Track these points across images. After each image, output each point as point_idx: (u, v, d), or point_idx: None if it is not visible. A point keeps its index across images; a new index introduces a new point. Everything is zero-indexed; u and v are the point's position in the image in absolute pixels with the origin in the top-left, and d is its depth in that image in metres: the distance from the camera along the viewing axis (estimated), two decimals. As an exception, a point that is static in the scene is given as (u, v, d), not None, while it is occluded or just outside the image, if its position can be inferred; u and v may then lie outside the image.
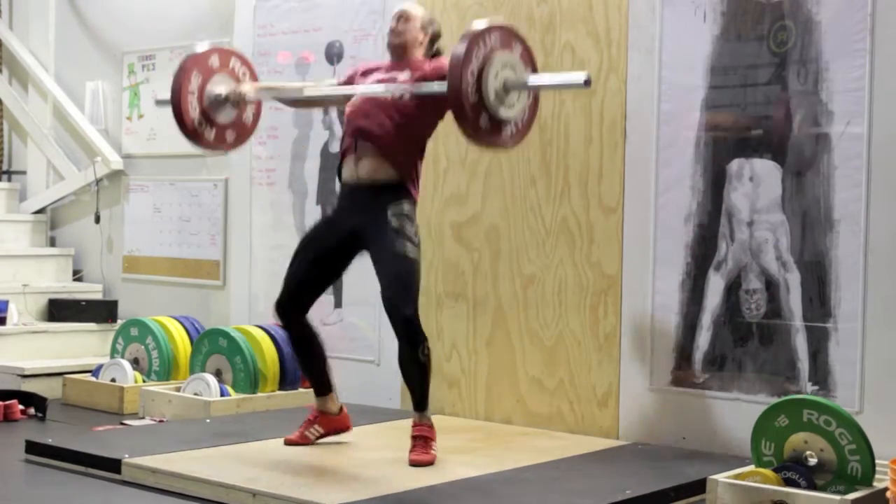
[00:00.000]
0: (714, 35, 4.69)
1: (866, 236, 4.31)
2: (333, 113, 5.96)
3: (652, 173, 4.83)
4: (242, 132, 4.81)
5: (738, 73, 4.63)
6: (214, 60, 4.71)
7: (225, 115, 4.71)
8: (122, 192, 7.03)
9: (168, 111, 4.65)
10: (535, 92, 4.14)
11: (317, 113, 6.02)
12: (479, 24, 3.94)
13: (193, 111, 4.64)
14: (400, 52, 4.45)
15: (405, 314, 4.18)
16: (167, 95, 4.70)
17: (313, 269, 4.54)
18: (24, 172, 7.55)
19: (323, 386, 4.59)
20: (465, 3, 5.38)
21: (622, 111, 4.93)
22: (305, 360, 4.66)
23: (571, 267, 5.06)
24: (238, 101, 4.68)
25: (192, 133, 4.69)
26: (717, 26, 4.68)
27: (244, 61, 4.84)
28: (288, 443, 4.54)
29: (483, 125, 3.91)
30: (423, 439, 4.29)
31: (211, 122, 4.69)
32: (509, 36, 4.02)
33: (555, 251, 5.11)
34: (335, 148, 5.94)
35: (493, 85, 3.90)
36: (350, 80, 4.59)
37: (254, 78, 4.86)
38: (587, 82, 3.89)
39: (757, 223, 4.58)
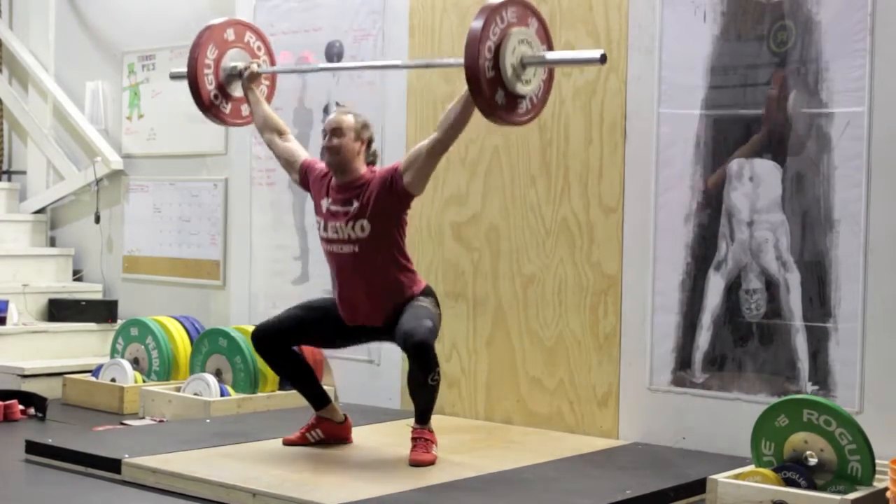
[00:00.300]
0: (714, 35, 4.69)
1: (866, 236, 4.31)
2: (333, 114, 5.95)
3: (652, 173, 4.83)
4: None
5: (738, 73, 4.63)
6: (230, 34, 4.75)
7: (240, 89, 4.76)
8: (122, 191, 7.02)
9: (169, 110, 4.67)
10: (551, 68, 4.15)
11: (316, 112, 6.02)
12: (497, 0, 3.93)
13: (210, 85, 4.68)
14: (341, 170, 4.39)
15: (417, 339, 4.14)
16: (182, 69, 4.75)
17: (313, 328, 4.54)
18: (24, 172, 7.55)
19: (319, 400, 4.58)
20: (465, 2, 5.38)
21: (622, 111, 4.93)
22: (292, 382, 4.66)
23: (571, 267, 5.06)
24: (252, 76, 4.71)
25: (208, 107, 4.75)
26: (717, 26, 4.68)
27: (259, 35, 4.88)
28: (287, 443, 4.54)
29: (499, 101, 3.93)
30: (423, 440, 4.30)
31: (227, 97, 4.75)
32: (525, 11, 4.03)
33: (555, 251, 5.11)
34: (335, 148, 5.94)
35: (510, 60, 3.91)
36: (306, 172, 4.56)
37: (269, 51, 4.91)
38: (603, 58, 3.92)
39: (757, 223, 4.58)
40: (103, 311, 6.67)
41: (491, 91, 3.89)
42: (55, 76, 7.38)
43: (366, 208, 4.30)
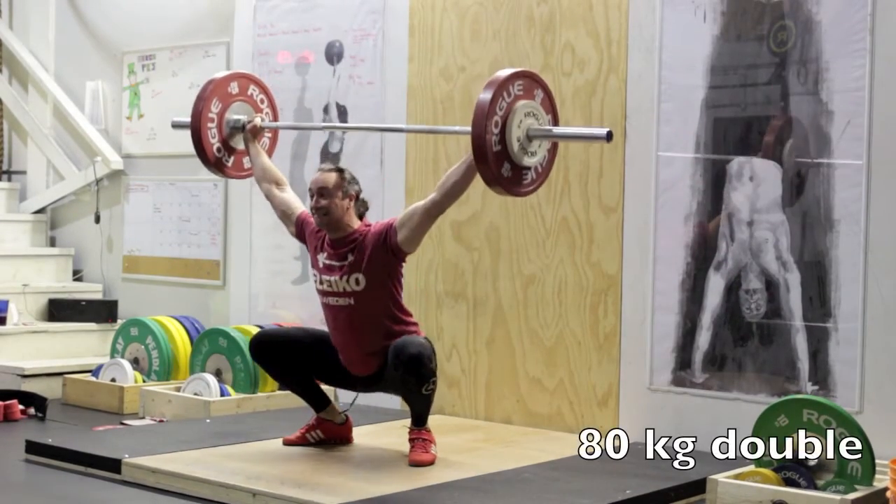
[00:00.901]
0: (714, 35, 4.68)
1: (866, 236, 4.31)
2: (333, 112, 5.96)
3: (652, 173, 4.83)
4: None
5: (738, 73, 4.63)
6: (234, 87, 4.75)
7: (243, 142, 4.76)
8: (122, 191, 7.02)
9: (169, 110, 4.67)
10: (554, 141, 4.15)
11: (316, 113, 6.02)
12: (504, 73, 3.92)
13: (213, 139, 4.68)
14: (332, 228, 4.38)
15: (411, 353, 4.14)
16: (185, 119, 4.76)
17: (313, 354, 4.54)
18: (24, 172, 7.55)
19: (318, 402, 4.58)
20: (465, 2, 5.38)
21: (622, 111, 4.93)
22: (290, 387, 4.66)
23: (571, 267, 5.06)
24: (255, 131, 4.71)
25: (212, 161, 4.74)
26: (717, 26, 4.68)
27: (263, 88, 4.87)
28: (287, 443, 4.54)
29: (505, 173, 3.91)
30: (421, 440, 4.29)
31: (230, 150, 4.75)
32: (532, 83, 4.02)
33: (555, 251, 5.11)
34: (334, 148, 5.95)
35: (516, 134, 3.91)
36: (301, 225, 4.55)
37: (272, 104, 4.91)
38: (609, 136, 3.89)
39: (757, 223, 4.58)
40: (103, 311, 6.67)
41: (497, 165, 3.88)
42: (55, 76, 7.38)
43: (360, 262, 4.31)
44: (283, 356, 4.52)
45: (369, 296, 4.31)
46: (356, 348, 4.39)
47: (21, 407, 5.41)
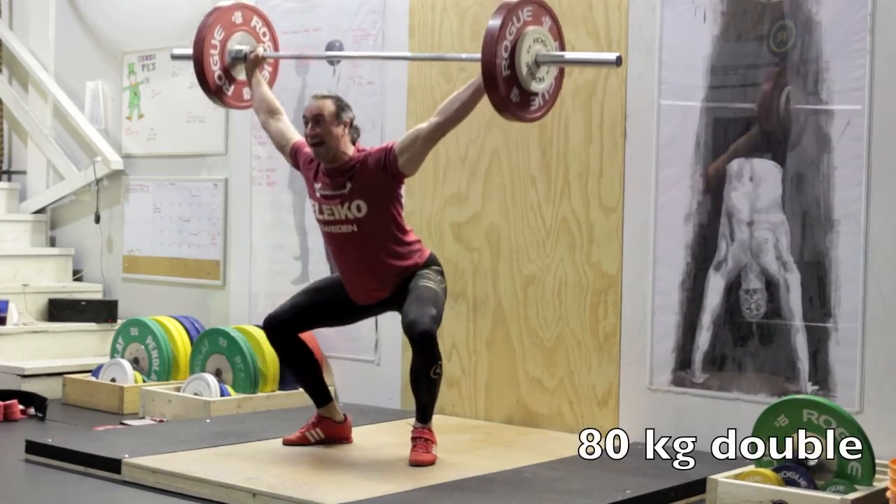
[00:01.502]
0: (714, 35, 4.69)
1: (866, 236, 4.31)
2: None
3: (652, 173, 4.83)
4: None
5: (738, 73, 4.63)
6: (237, 17, 4.80)
7: (244, 73, 4.81)
8: (122, 191, 7.02)
9: (169, 110, 4.67)
10: (562, 66, 4.22)
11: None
12: None
13: (215, 66, 4.72)
14: (328, 157, 4.37)
15: (421, 329, 4.14)
16: (186, 50, 4.83)
17: (323, 311, 4.56)
18: (24, 172, 7.55)
19: (321, 397, 4.59)
20: (465, 2, 5.38)
21: (622, 111, 4.93)
22: (298, 374, 4.66)
23: (571, 267, 5.06)
24: (257, 60, 4.76)
25: (212, 89, 4.78)
26: (717, 26, 4.68)
27: (265, 20, 4.93)
28: (287, 443, 4.54)
29: (514, 98, 3.98)
30: (423, 440, 4.29)
31: (231, 79, 4.79)
32: (540, 9, 4.08)
33: (555, 251, 5.11)
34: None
35: (525, 59, 3.97)
36: (296, 154, 4.56)
37: (273, 37, 4.96)
38: (618, 60, 4.00)
39: (757, 223, 4.58)
40: (103, 311, 6.67)
41: (506, 89, 3.94)
42: (55, 76, 7.38)
43: (360, 189, 4.32)
44: (294, 335, 4.53)
45: (372, 221, 4.32)
46: (363, 274, 4.39)
47: (21, 407, 5.41)
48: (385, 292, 4.42)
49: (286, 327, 4.52)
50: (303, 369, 4.60)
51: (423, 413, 4.32)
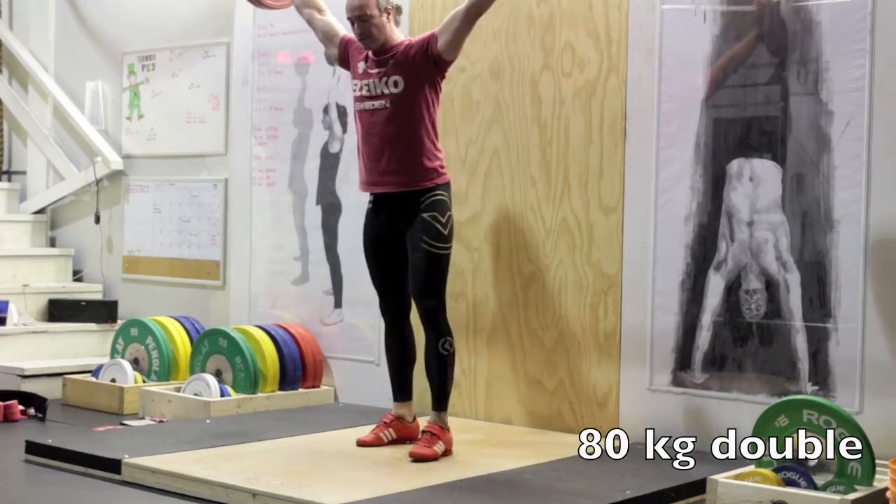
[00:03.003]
0: (714, 35, 4.69)
1: (866, 236, 4.31)
2: (333, 113, 5.96)
3: (652, 173, 4.84)
4: None
5: (738, 73, 4.63)
6: None
7: None
8: (122, 192, 7.03)
9: (169, 110, 4.66)
10: None
11: (316, 113, 6.02)
12: None
13: None
14: (378, 47, 4.46)
15: (425, 306, 4.30)
16: None
17: (390, 265, 4.59)
18: (24, 172, 7.55)
19: (403, 392, 4.62)
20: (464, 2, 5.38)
21: (622, 111, 4.93)
22: (394, 362, 4.67)
23: (571, 267, 5.06)
24: None
25: None
26: (717, 26, 4.68)
27: None
28: (361, 444, 4.52)
29: None
30: (429, 434, 4.30)
31: None
32: None
33: (555, 251, 5.11)
34: (335, 148, 5.95)
35: None
36: (346, 46, 4.62)
37: None
38: None
39: (757, 223, 4.59)
40: (103, 311, 6.67)
41: None
42: (55, 76, 7.38)
43: (400, 65, 4.40)
44: (404, 326, 4.63)
45: (405, 102, 4.38)
46: (385, 151, 4.42)
47: (21, 407, 5.41)
48: (395, 184, 4.41)
49: (394, 304, 4.59)
50: (400, 359, 4.64)
51: (437, 398, 4.35)
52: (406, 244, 4.47)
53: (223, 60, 6.48)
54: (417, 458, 4.22)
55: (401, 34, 4.55)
